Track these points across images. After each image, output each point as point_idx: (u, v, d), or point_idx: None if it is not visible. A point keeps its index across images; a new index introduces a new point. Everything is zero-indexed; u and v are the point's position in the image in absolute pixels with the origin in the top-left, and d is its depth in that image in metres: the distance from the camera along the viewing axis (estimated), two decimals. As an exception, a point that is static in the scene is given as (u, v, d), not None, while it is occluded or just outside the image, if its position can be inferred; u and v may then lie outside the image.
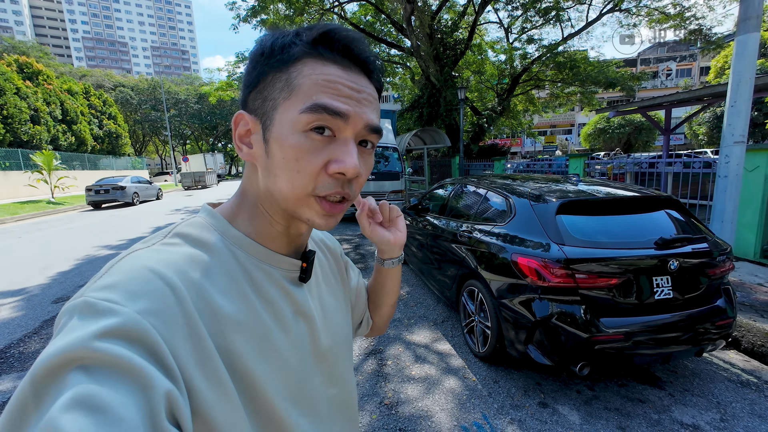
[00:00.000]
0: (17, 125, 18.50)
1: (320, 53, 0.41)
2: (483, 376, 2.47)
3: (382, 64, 0.46)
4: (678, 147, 28.75)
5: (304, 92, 0.39)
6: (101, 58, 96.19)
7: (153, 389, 0.28)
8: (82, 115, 24.96)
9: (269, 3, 12.70)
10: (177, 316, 0.33)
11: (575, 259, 2.04)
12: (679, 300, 2.12)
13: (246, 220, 0.46)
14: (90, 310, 0.29)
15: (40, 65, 22.77)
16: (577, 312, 2.04)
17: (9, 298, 4.23)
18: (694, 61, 36.82)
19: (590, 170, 7.34)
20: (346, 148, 0.41)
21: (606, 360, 2.06)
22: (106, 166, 26.53)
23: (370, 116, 0.42)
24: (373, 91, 0.44)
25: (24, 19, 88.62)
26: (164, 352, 0.30)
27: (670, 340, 2.06)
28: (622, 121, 24.56)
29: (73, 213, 13.16)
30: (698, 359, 2.59)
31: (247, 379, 0.38)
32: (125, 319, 0.29)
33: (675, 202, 2.46)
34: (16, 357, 2.88)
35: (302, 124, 0.39)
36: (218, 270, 0.40)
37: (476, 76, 18.60)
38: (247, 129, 0.44)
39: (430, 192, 4.43)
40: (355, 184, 0.44)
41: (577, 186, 2.68)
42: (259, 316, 0.42)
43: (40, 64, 23.47)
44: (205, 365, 0.34)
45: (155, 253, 0.37)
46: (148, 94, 42.25)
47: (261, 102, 0.42)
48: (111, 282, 0.32)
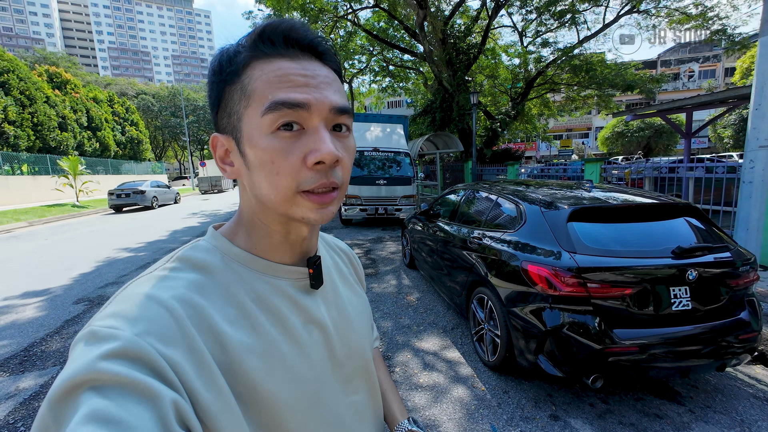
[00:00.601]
0: (46, 132, 19.39)
1: (264, 51, 0.40)
2: (492, 386, 2.42)
3: (331, 45, 0.45)
4: (702, 151, 27.78)
5: (260, 94, 0.39)
6: (125, 67, 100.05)
7: (160, 399, 0.30)
8: (106, 122, 25.96)
9: (285, 12, 12.97)
10: (175, 335, 0.35)
11: (587, 267, 1.99)
12: (700, 312, 2.04)
13: (245, 236, 0.47)
14: (94, 338, 0.32)
15: (68, 75, 23.85)
16: (590, 322, 1.98)
17: (34, 298, 4.40)
18: (718, 62, 35.63)
19: (607, 175, 7.16)
20: (317, 137, 0.40)
21: (620, 373, 1.99)
22: (127, 171, 27.47)
23: (332, 98, 0.41)
24: (329, 72, 0.43)
25: (55, 31, 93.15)
26: (164, 367, 0.32)
27: (689, 353, 1.98)
28: (642, 125, 23.91)
29: (95, 216, 13.63)
30: (721, 374, 2.48)
31: (254, 396, 0.39)
32: (125, 341, 0.32)
33: (694, 209, 2.37)
34: (38, 355, 2.99)
35: (267, 125, 0.39)
36: (216, 289, 0.42)
37: (490, 80, 18.48)
38: (224, 149, 0.44)
39: (441, 197, 4.41)
40: (340, 171, 0.42)
41: (590, 192, 2.62)
42: (263, 330, 0.42)
43: (69, 73, 24.57)
44: (206, 378, 0.35)
45: (155, 280, 0.40)
46: (168, 101, 43.65)
47: (227, 119, 0.42)
48: (113, 311, 0.35)
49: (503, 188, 3.14)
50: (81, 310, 3.97)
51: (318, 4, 13.27)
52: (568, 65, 15.06)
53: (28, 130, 18.45)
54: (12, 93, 17.83)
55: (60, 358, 2.95)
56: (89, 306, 4.07)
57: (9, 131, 17.31)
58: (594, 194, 2.55)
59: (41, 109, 19.09)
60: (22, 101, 18.28)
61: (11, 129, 17.39)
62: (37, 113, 18.87)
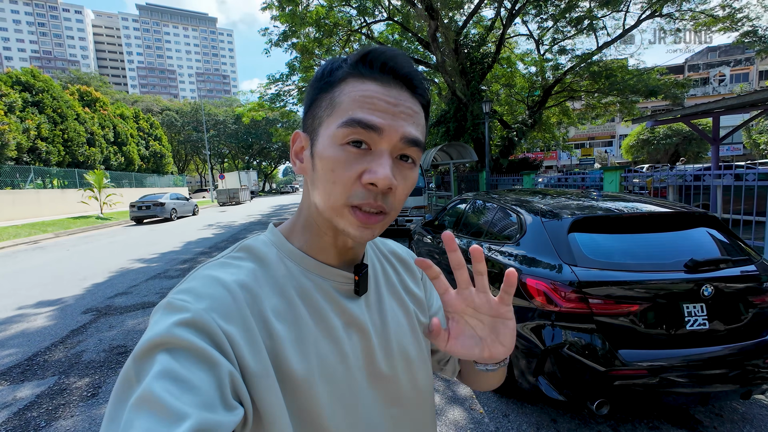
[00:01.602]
0: (75, 147, 20.53)
1: (360, 72, 0.44)
2: (492, 408, 2.28)
3: (427, 80, 0.47)
4: (737, 158, 26.45)
5: (344, 108, 0.42)
6: (152, 85, 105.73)
7: (219, 367, 0.35)
8: (131, 137, 27.28)
9: (300, 28, 13.35)
10: (233, 313, 0.40)
11: (589, 282, 1.86)
12: (719, 332, 1.86)
13: (300, 235, 0.50)
14: (170, 308, 0.38)
15: (98, 93, 25.31)
16: (593, 341, 1.84)
17: (47, 307, 4.55)
18: (751, 65, 34.18)
19: (627, 184, 6.87)
20: (379, 161, 0.42)
21: (630, 398, 1.83)
22: (151, 184, 28.61)
23: (406, 129, 0.43)
24: (414, 104, 0.45)
25: (89, 53, 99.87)
26: (222, 340, 0.38)
27: (707, 378, 1.80)
28: (669, 131, 23.08)
29: (117, 227, 14.21)
30: (749, 402, 2.25)
31: (292, 384, 0.42)
32: (194, 313, 0.37)
33: (712, 218, 2.20)
34: (40, 365, 3.06)
35: (339, 137, 0.42)
36: (269, 281, 0.46)
37: (506, 89, 18.34)
38: (301, 146, 0.48)
39: (447, 208, 4.32)
40: (391, 198, 0.44)
41: (596, 201, 2.49)
42: (304, 324, 0.45)
43: (98, 92, 26.08)
44: (255, 356, 0.40)
45: (221, 266, 0.46)
46: (191, 116, 45.58)
47: (311, 121, 0.46)
48: (186, 287, 0.41)
49: (506, 198, 3.03)
50: (88, 320, 4.07)
51: (332, 18, 13.60)
52: (587, 72, 14.76)
53: (59, 145, 19.58)
54: (46, 111, 19.04)
55: (61, 367, 3.00)
56: (96, 316, 4.17)
57: (41, 147, 18.42)
58: (600, 203, 2.42)
59: (71, 126, 20.28)
60: (55, 119, 19.48)
61: (43, 145, 18.50)
62: (68, 130, 20.05)
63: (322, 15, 13.13)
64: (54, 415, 2.38)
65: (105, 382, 2.77)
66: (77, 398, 2.56)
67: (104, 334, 3.65)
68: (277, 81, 15.91)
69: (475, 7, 13.52)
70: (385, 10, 14.18)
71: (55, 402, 2.53)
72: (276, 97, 16.42)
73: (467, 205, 3.72)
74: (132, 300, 4.73)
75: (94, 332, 3.71)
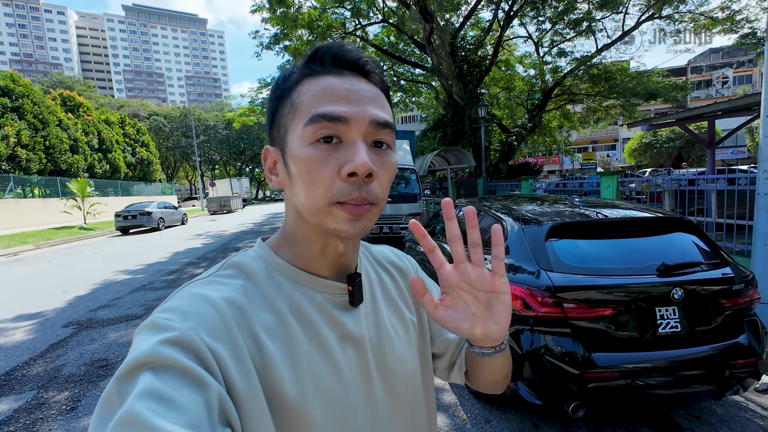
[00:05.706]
0: (58, 155, 20.56)
1: (314, 70, 0.46)
2: (475, 415, 2.39)
3: (379, 65, 0.49)
4: (742, 161, 26.87)
5: (305, 107, 0.44)
6: (139, 89, 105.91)
7: (209, 389, 0.35)
8: (117, 144, 27.33)
9: (292, 31, 13.58)
10: (221, 331, 0.40)
11: (563, 287, 1.99)
12: (692, 334, 1.99)
13: (288, 247, 0.51)
14: (155, 327, 0.38)
15: (81, 98, 25.42)
16: (567, 345, 1.96)
17: (26, 321, 4.62)
18: (754, 67, 34.91)
19: (624, 189, 7.05)
20: (353, 149, 0.43)
21: (606, 401, 1.95)
22: (137, 192, 28.61)
23: (372, 112, 0.44)
24: (372, 89, 0.46)
25: (72, 56, 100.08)
26: (210, 359, 0.38)
27: (679, 380, 1.92)
28: (672, 135, 23.47)
29: (102, 238, 14.22)
30: (729, 404, 2.37)
31: (283, 404, 0.42)
32: (180, 332, 0.37)
33: (688, 223, 2.34)
34: (18, 379, 3.13)
35: (308, 136, 0.43)
36: (259, 297, 0.46)
37: (505, 93, 18.65)
38: (273, 161, 0.50)
39: (438, 214, 4.45)
40: (376, 187, 0.44)
41: (577, 207, 2.63)
42: (297, 341, 0.45)
43: (82, 97, 26.20)
44: (244, 375, 0.40)
45: (208, 283, 0.46)
46: (180, 121, 45.70)
47: (277, 132, 0.48)
48: (171, 306, 0.41)
49: (495, 205, 3.17)
50: (68, 333, 4.14)
51: (326, 21, 13.83)
52: (587, 75, 15.10)
53: (40, 153, 19.62)
54: (26, 117, 19.11)
55: (40, 382, 3.08)
56: (77, 330, 4.25)
57: (21, 155, 18.47)
58: (579, 209, 2.56)
59: (53, 132, 20.35)
60: (35, 125, 19.54)
61: (23, 152, 18.55)
62: (50, 136, 20.11)
63: (315, 17, 13.35)
64: (32, 429, 2.46)
65: (85, 395, 2.85)
66: (56, 412, 2.64)
67: (85, 348, 3.72)
68: (269, 85, 16.12)
69: (471, 8, 13.84)
70: (379, 12, 14.48)
71: (33, 416, 2.60)
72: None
73: (459, 211, 3.85)
74: (115, 312, 4.81)
75: (74, 346, 3.79)
